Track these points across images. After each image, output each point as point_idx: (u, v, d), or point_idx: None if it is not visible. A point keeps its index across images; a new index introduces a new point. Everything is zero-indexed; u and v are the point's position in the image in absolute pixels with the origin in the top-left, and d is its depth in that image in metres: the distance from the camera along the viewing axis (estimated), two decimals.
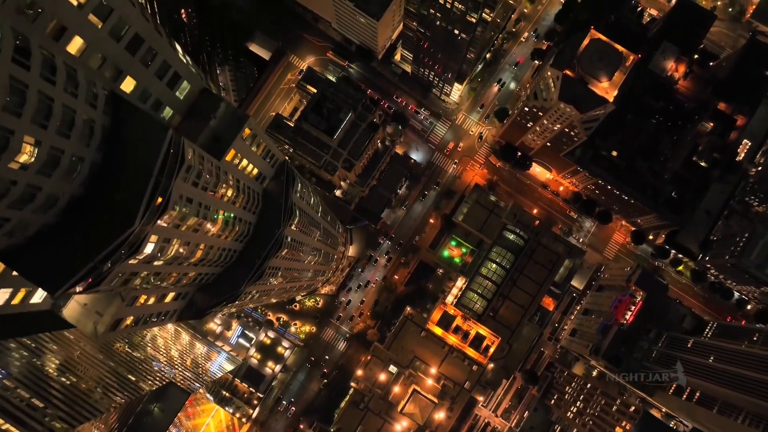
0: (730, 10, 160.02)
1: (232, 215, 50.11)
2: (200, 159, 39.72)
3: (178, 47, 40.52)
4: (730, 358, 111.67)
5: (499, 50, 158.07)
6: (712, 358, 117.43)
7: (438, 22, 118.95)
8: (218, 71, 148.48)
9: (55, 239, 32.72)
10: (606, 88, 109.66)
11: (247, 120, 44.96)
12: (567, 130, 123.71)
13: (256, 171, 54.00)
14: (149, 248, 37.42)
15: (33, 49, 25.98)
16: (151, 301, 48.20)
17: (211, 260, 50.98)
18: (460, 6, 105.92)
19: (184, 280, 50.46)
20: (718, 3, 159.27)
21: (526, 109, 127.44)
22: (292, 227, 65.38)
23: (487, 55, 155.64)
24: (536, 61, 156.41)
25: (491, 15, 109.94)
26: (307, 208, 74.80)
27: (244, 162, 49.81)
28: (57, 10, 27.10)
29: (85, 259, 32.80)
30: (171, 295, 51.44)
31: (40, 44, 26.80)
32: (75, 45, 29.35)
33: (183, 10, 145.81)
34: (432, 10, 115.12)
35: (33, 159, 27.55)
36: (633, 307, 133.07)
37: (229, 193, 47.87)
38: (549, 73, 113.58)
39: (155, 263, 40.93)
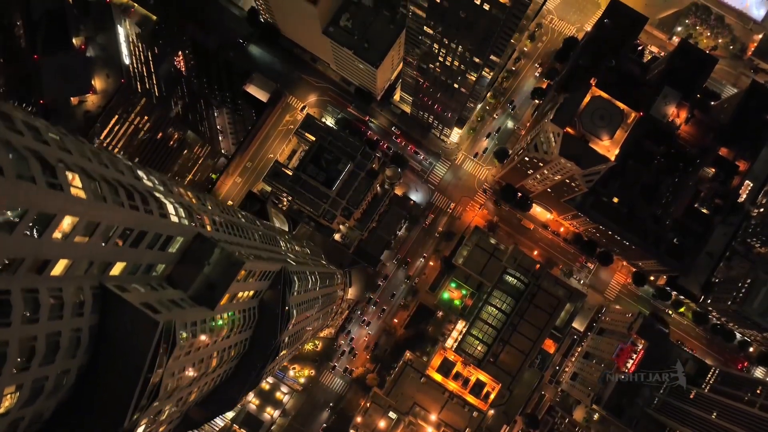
0: (732, 48, 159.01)
1: (227, 347, 49.03)
2: (193, 329, 38.60)
3: (170, 208, 39.26)
4: (734, 418, 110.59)
5: (498, 89, 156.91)
6: (714, 414, 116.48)
7: (438, 75, 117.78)
8: (216, 114, 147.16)
9: None
10: (607, 147, 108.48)
11: (242, 265, 43.80)
12: (568, 180, 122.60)
13: (251, 292, 52.95)
14: (140, 431, 36.36)
15: (15, 302, 24.81)
16: None
17: (204, 392, 49.89)
18: (460, 65, 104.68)
19: (178, 413, 49.37)
20: (720, 41, 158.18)
21: (527, 159, 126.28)
22: (290, 326, 64.24)
23: (488, 95, 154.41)
24: (536, 100, 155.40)
25: (491, 73, 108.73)
26: (306, 296, 73.67)
27: (240, 293, 48.74)
28: (40, 251, 25.96)
29: None
30: (162, 428, 50.29)
31: (23, 287, 25.67)
32: (59, 267, 28.20)
33: (180, 53, 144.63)
34: (432, 65, 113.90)
35: (14, 403, 26.44)
36: (635, 356, 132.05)
37: (224, 331, 46.81)
38: (549, 128, 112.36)
39: (147, 429, 39.85)
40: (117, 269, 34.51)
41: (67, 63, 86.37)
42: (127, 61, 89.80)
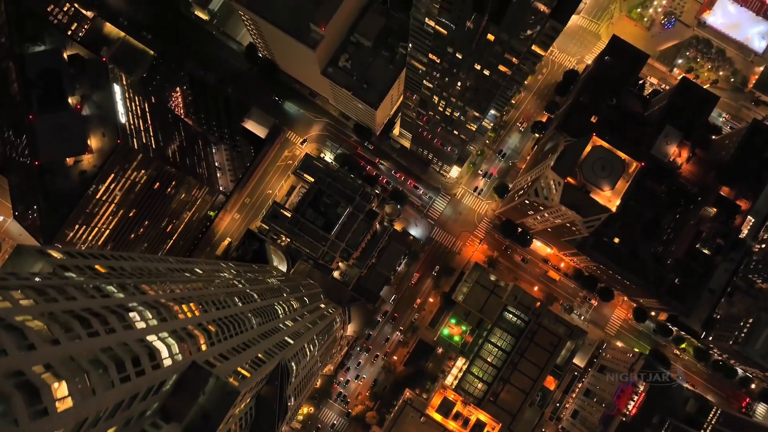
0: (733, 80, 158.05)
1: None
2: None
3: (164, 351, 38.37)
4: None
5: (498, 122, 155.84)
6: None
7: (437, 122, 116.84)
8: (214, 151, 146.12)
9: None
10: (608, 197, 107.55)
11: (238, 395, 42.92)
12: (568, 225, 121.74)
13: (248, 399, 52.05)
14: None
15: None
16: None
17: None
18: (459, 116, 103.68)
19: None
20: (721, 74, 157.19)
21: (527, 201, 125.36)
22: (289, 413, 63.33)
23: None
24: (536, 134, 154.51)
25: (491, 124, 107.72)
26: (305, 370, 72.71)
27: (237, 410, 47.87)
28: None
29: None
30: None
31: None
32: None
33: (179, 89, 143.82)
34: (431, 112, 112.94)
35: None
36: (636, 397, 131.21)
37: None
38: (550, 176, 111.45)
39: None
40: None
41: (63, 122, 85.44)
42: (123, 119, 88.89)
